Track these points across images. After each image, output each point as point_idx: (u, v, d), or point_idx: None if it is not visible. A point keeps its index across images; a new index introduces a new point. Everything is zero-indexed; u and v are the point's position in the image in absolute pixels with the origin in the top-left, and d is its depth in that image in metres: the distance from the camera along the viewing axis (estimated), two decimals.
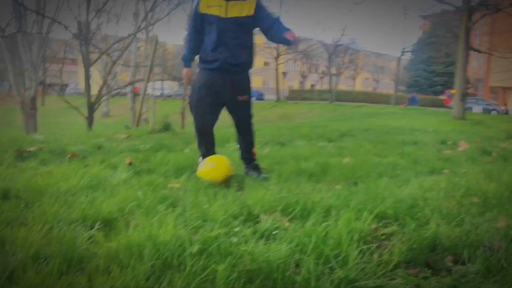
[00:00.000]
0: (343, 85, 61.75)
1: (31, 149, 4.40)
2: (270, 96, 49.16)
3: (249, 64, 3.62)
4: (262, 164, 3.92)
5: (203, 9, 3.54)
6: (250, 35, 3.59)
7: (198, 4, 3.59)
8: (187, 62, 3.76)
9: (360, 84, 71.29)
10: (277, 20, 3.51)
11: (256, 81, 54.95)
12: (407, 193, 2.77)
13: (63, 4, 15.47)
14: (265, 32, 3.58)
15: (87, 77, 14.33)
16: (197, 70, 3.71)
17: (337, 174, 3.61)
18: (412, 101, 43.51)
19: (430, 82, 49.92)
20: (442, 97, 44.84)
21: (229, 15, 3.46)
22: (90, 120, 13.70)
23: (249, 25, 3.54)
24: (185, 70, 3.78)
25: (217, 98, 3.62)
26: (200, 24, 3.59)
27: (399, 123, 14.69)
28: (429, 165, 4.28)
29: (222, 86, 3.58)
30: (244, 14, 3.48)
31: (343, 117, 25.28)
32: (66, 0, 16.55)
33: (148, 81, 11.77)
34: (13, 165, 3.72)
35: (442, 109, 31.02)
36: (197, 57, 3.74)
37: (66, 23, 18.07)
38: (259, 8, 3.51)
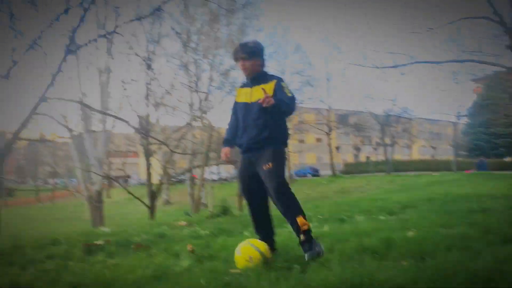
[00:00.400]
0: (398, 155, 60.56)
1: (99, 242, 4.58)
2: (325, 171, 48.91)
3: (273, 138, 3.65)
4: (323, 242, 3.82)
5: (237, 99, 3.85)
6: (273, 114, 3.61)
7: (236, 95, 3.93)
8: (226, 143, 3.91)
9: (416, 153, 69.66)
10: (289, 99, 3.59)
11: (310, 158, 55.16)
12: (481, 266, 2.61)
13: (124, 101, 16.67)
14: None
15: (148, 168, 14.96)
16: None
17: (402, 249, 3.46)
18: (480, 166, 41.31)
19: (491, 145, 47.98)
20: (507, 159, 42.68)
21: (253, 100, 3.65)
22: (152, 209, 14.10)
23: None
24: (223, 149, 3.90)
25: (254, 179, 3.68)
26: (235, 112, 3.86)
27: (463, 190, 14.03)
28: (501, 234, 4.02)
29: (253, 165, 3.67)
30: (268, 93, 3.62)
31: (402, 188, 24.52)
32: (126, 97, 17.89)
33: (204, 166, 12.13)
34: (82, 259, 3.87)
35: (508, 172, 29.43)
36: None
37: (126, 118, 19.31)
38: (277, 89, 3.61)
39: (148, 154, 15.85)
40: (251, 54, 3.71)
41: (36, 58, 13.87)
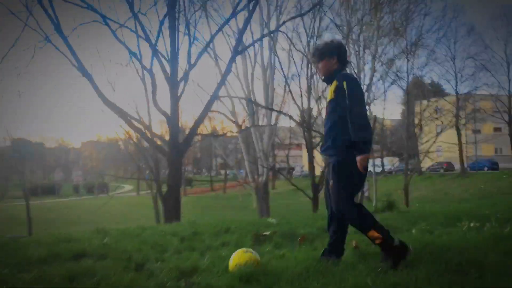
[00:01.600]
0: None
1: (266, 233, 4.81)
2: (505, 165, 43.70)
3: (337, 147, 3.41)
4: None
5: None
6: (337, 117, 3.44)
7: None
8: None
9: None
10: (349, 111, 3.31)
11: (486, 150, 49.93)
12: None
13: (287, 96, 17.23)
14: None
15: (311, 161, 15.22)
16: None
17: None
18: None
19: None
20: None
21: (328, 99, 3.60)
22: (315, 201, 14.32)
23: (334, 109, 3.47)
24: None
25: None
26: None
27: None
28: None
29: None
30: (329, 98, 3.54)
31: None
32: (290, 92, 18.44)
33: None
34: (253, 248, 4.11)
35: None
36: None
37: (290, 113, 19.93)
38: (338, 90, 3.41)
39: (311, 147, 16.12)
40: (321, 56, 3.61)
41: (206, 61, 15.13)
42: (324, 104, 21.65)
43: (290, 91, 19.16)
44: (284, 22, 15.43)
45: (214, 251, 4.17)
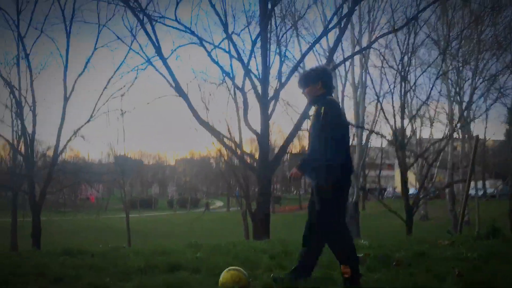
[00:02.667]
0: None
1: (359, 255, 4.64)
2: None
3: (317, 171, 3.50)
4: None
5: None
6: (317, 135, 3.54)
7: None
8: None
9: None
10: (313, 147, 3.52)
11: None
12: None
13: (379, 116, 16.74)
14: None
15: (405, 181, 14.59)
16: None
17: None
18: None
19: None
20: None
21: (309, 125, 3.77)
22: (409, 223, 13.66)
23: (314, 134, 3.57)
24: None
25: None
26: None
27: None
28: None
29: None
30: (310, 122, 3.70)
31: None
32: (382, 110, 17.91)
33: (469, 181, 11.07)
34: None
35: None
36: None
37: (381, 132, 19.33)
38: (317, 115, 3.54)
39: (404, 167, 15.45)
40: (305, 83, 3.79)
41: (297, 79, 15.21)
42: (418, 123, 20.78)
43: (382, 109, 18.58)
44: (376, 39, 15.13)
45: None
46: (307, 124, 14.36)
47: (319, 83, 3.69)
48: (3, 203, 22.57)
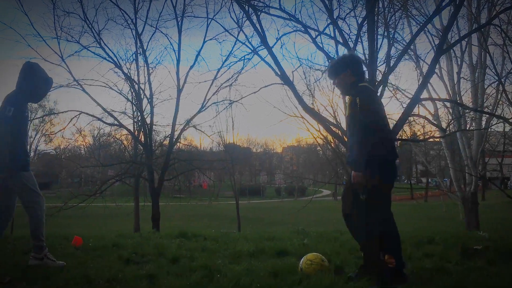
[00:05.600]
0: None
1: (478, 247, 4.33)
2: None
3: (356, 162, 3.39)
4: None
5: None
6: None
7: None
8: None
9: None
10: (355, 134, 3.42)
11: None
12: None
13: (501, 98, 15.32)
14: None
15: None
16: None
17: None
18: None
19: None
20: None
21: (346, 113, 3.66)
22: None
23: (351, 125, 3.59)
24: None
25: None
26: None
27: None
28: None
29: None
30: (346, 113, 3.65)
31: None
32: (504, 92, 16.39)
33: None
34: (460, 262, 3.74)
35: None
36: None
37: (504, 115, 17.69)
38: (353, 105, 3.47)
39: None
40: (335, 73, 3.72)
41: (405, 62, 14.49)
42: None
43: (504, 91, 16.94)
44: (497, 14, 13.74)
45: (416, 262, 3.93)
46: (418, 109, 13.64)
47: (348, 71, 3.62)
48: (127, 189, 24.67)
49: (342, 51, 14.20)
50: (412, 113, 13.33)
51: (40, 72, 4.00)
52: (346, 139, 14.89)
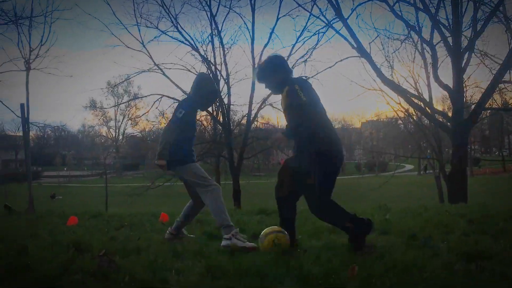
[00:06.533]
0: None
1: None
2: None
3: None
4: None
5: None
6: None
7: None
8: None
9: None
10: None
11: None
12: None
13: None
14: None
15: None
16: None
17: None
18: None
19: None
20: None
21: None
22: None
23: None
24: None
25: None
26: None
27: None
28: None
29: None
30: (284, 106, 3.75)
31: None
32: None
33: None
34: None
35: None
36: None
37: None
38: (290, 95, 3.61)
39: None
40: (263, 77, 3.89)
41: (494, 25, 13.41)
42: None
43: None
44: None
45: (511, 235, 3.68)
46: (509, 75, 12.62)
47: (277, 71, 3.77)
48: (208, 168, 25.53)
49: (423, 18, 13.44)
50: (503, 79, 12.42)
51: (209, 85, 4.42)
52: (429, 111, 14.20)
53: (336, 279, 2.61)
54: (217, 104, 18.06)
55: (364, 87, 15.35)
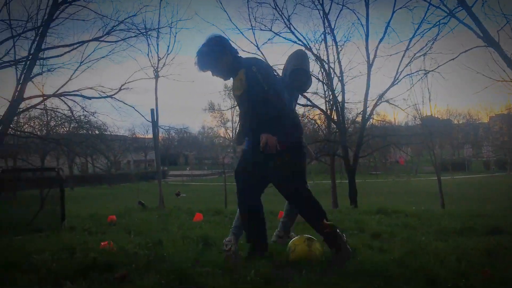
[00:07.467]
0: None
1: None
2: None
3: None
4: None
5: None
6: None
7: None
8: None
9: None
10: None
11: None
12: None
13: None
14: None
15: None
16: None
17: None
18: None
19: None
20: None
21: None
22: None
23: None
24: None
25: None
26: None
27: None
28: None
29: None
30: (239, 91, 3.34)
31: None
32: None
33: None
34: None
35: None
36: None
37: None
38: (249, 78, 3.21)
39: None
40: (213, 63, 3.37)
41: None
42: None
43: None
44: None
45: None
46: None
47: (227, 53, 3.35)
48: (324, 167, 25.43)
49: None
50: None
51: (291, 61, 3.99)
52: None
53: (466, 282, 2.47)
54: (331, 102, 17.91)
55: (492, 79, 14.13)
